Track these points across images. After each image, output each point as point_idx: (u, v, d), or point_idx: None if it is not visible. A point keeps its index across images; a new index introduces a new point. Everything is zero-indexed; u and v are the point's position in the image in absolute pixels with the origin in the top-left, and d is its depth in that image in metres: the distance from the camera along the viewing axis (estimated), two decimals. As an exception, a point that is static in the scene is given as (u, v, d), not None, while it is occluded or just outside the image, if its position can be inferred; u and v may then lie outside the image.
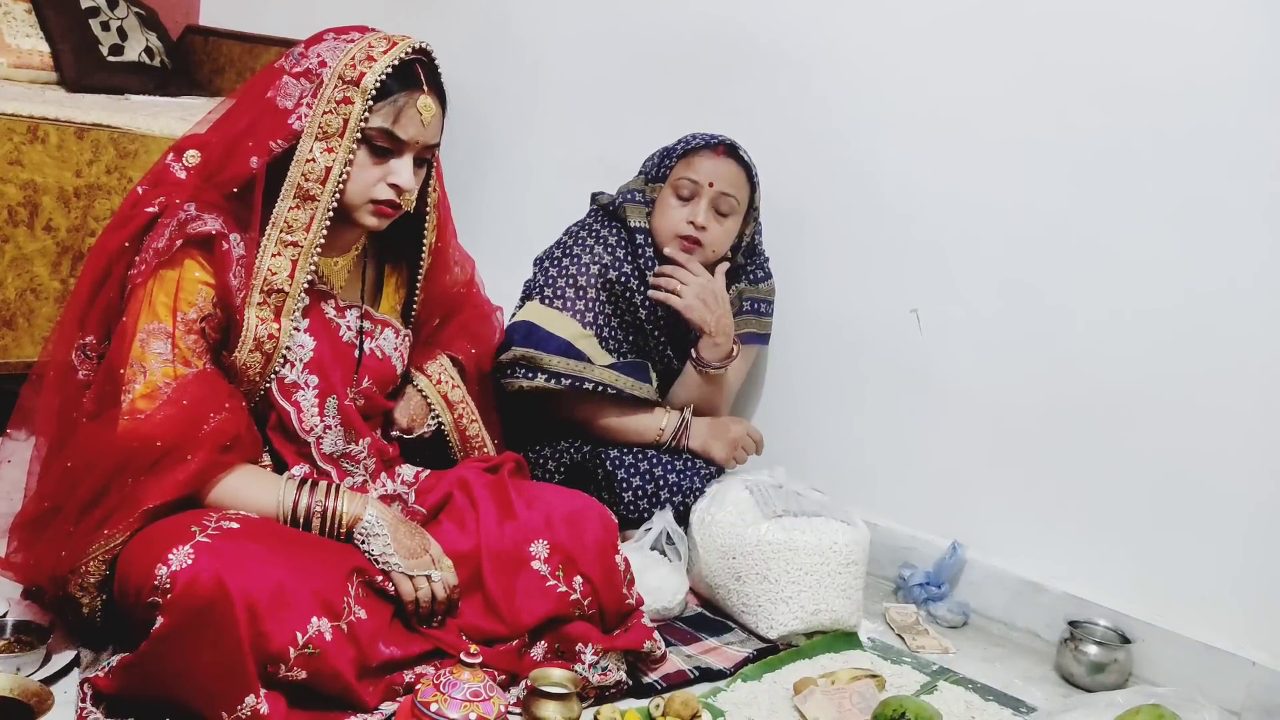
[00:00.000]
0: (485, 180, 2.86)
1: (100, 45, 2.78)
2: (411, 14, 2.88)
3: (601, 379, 2.02)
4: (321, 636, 1.37)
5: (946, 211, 2.19)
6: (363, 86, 1.45)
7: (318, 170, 1.46)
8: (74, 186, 2.21)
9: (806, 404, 2.37)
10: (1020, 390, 2.11)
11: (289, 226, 1.48)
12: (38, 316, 2.20)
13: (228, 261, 1.47)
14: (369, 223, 1.53)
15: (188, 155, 1.53)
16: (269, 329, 1.49)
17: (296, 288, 1.49)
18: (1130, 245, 1.99)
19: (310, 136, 1.46)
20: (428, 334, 1.81)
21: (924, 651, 1.95)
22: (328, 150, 1.46)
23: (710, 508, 1.97)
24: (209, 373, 1.47)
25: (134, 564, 1.35)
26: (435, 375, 1.78)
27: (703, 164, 2.10)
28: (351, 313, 1.61)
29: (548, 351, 2.00)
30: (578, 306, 2.10)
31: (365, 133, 1.47)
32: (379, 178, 1.50)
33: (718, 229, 2.12)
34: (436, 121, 1.53)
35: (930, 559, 2.17)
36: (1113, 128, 1.99)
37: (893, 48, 2.23)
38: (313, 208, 1.47)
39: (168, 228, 1.45)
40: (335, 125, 1.46)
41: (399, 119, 1.48)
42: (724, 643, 1.86)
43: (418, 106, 1.49)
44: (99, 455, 1.41)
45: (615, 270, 2.12)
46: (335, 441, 1.59)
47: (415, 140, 1.51)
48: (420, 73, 1.51)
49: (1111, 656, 1.92)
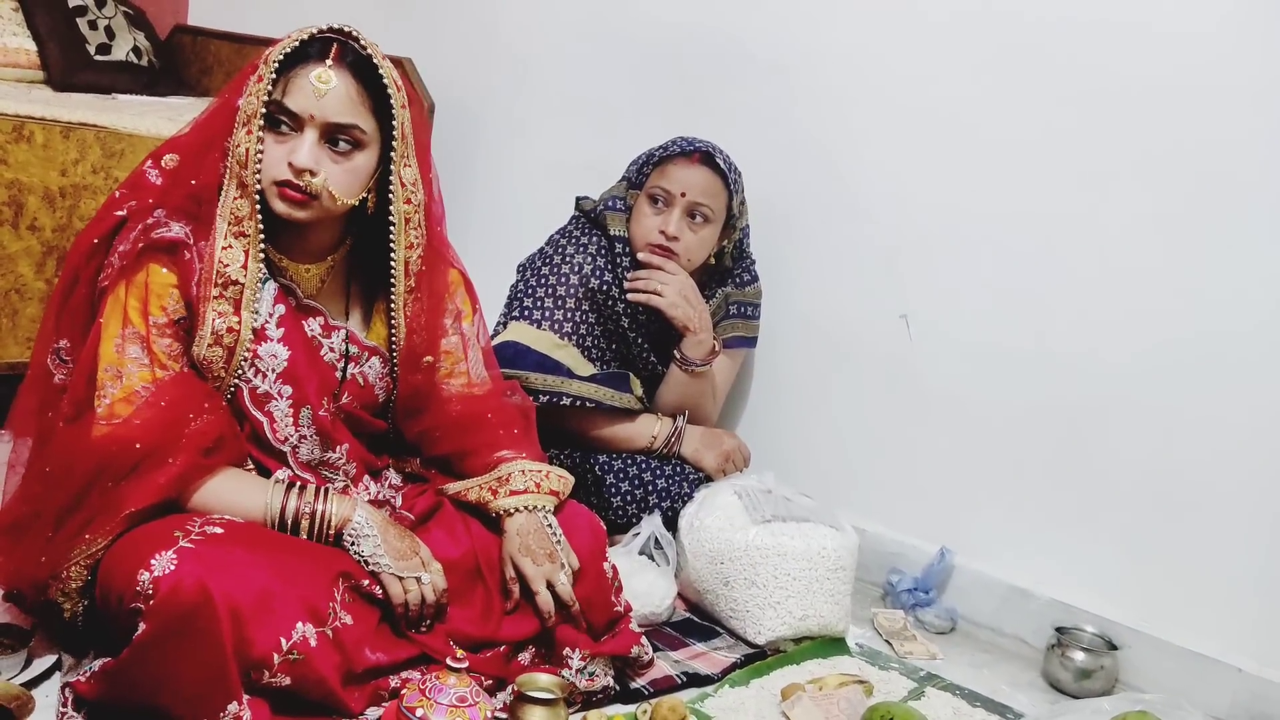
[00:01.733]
0: (474, 184, 2.85)
1: (88, 44, 2.77)
2: (400, 18, 2.88)
3: (580, 393, 2.01)
4: (306, 642, 1.36)
5: (936, 216, 2.19)
6: (268, 62, 1.42)
7: (241, 154, 1.43)
8: (59, 186, 2.19)
9: (795, 408, 2.36)
10: (1009, 395, 2.11)
11: (235, 217, 1.44)
12: (22, 317, 2.18)
13: (190, 270, 1.45)
14: (278, 208, 1.43)
15: (165, 159, 1.51)
16: (228, 322, 1.45)
17: (251, 278, 1.45)
18: (1119, 249, 1.99)
19: (239, 123, 1.43)
20: (422, 382, 1.64)
21: (911, 657, 1.95)
22: (248, 133, 1.42)
23: (699, 513, 1.97)
24: (186, 375, 1.45)
25: (116, 569, 1.34)
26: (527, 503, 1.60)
27: (676, 172, 2.09)
28: (338, 334, 1.57)
29: (524, 369, 1.99)
30: (556, 317, 2.09)
31: (267, 108, 1.41)
32: (280, 158, 1.42)
33: (692, 237, 2.10)
34: (338, 97, 1.41)
35: (918, 564, 2.17)
36: (1102, 131, 1.99)
37: (881, 52, 2.23)
38: (248, 195, 1.43)
39: (133, 232, 1.44)
40: (253, 106, 1.42)
41: (289, 89, 1.41)
42: (712, 648, 1.85)
43: (310, 77, 1.41)
44: (77, 459, 1.39)
45: (596, 279, 2.11)
46: (311, 450, 1.57)
47: (308, 113, 1.41)
48: (330, 49, 1.43)
49: (1098, 663, 1.92)
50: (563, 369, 2.03)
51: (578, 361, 2.08)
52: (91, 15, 2.81)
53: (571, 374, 2.04)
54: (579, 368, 2.06)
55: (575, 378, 2.03)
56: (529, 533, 1.56)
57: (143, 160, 1.54)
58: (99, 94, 2.69)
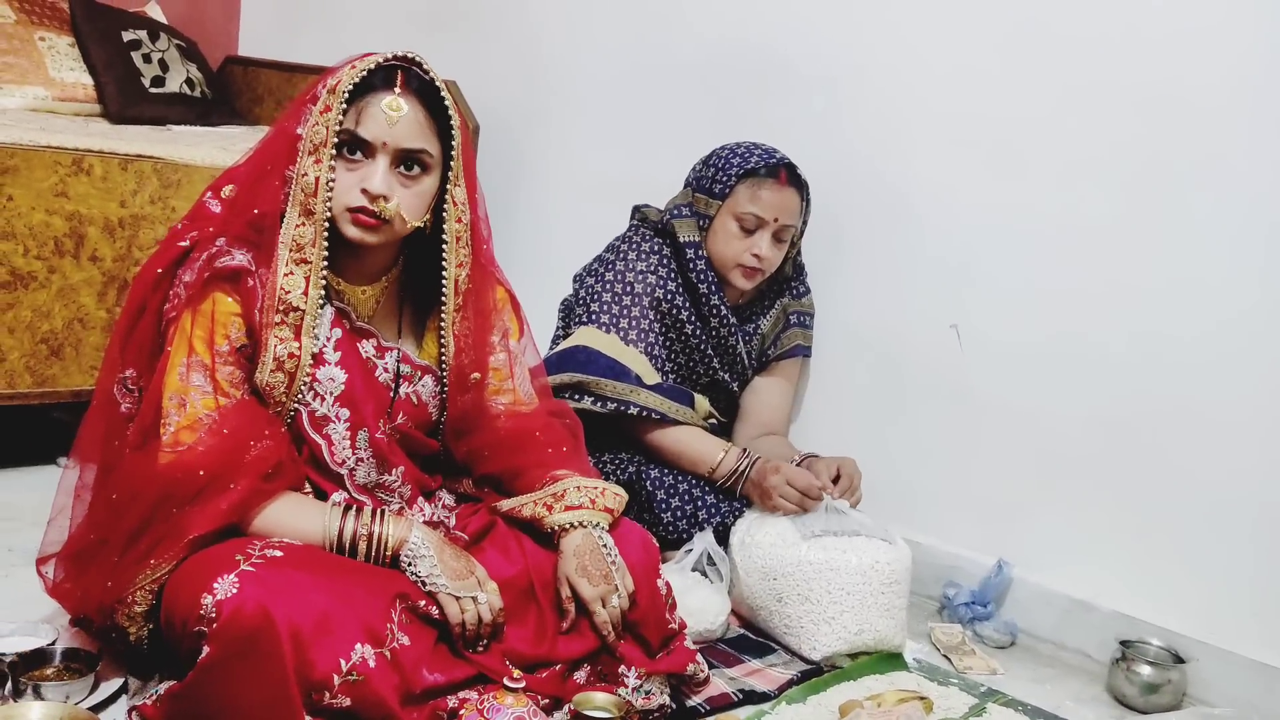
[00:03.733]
0: (518, 204, 2.87)
1: (142, 77, 2.83)
2: (444, 41, 2.91)
3: (648, 404, 2.02)
4: (365, 664, 1.37)
5: (984, 224, 2.17)
6: (337, 92, 1.45)
7: (309, 183, 1.46)
8: (119, 217, 2.25)
9: (845, 421, 2.35)
10: (1066, 405, 2.08)
11: (297, 245, 1.47)
12: (85, 346, 2.24)
13: (253, 297, 1.48)
14: (351, 233, 1.47)
15: (225, 189, 1.55)
16: (289, 348, 1.48)
17: (312, 304, 1.48)
18: (1180, 259, 1.95)
19: (304, 151, 1.47)
20: (474, 404, 1.65)
21: (971, 672, 1.92)
22: (316, 161, 1.45)
23: (750, 529, 1.96)
24: (248, 402, 1.48)
25: (180, 594, 1.36)
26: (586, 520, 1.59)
27: (769, 198, 2.11)
28: (391, 355, 1.59)
29: (596, 373, 2.00)
30: (622, 324, 2.10)
31: (339, 137, 1.45)
32: (353, 184, 1.46)
33: (776, 255, 2.16)
34: (409, 123, 1.46)
35: (975, 578, 2.14)
36: (1155, 141, 1.96)
37: (927, 65, 2.22)
38: (315, 222, 1.47)
39: (197, 262, 1.47)
40: (320, 135, 1.45)
41: (361, 118, 1.45)
42: (767, 664, 1.84)
43: (382, 105, 1.45)
44: (143, 486, 1.42)
45: (661, 287, 2.12)
46: (368, 473, 1.59)
47: (380, 140, 1.45)
48: (397, 76, 1.47)
49: (1165, 677, 1.88)
50: (631, 375, 2.03)
51: (645, 369, 2.07)
52: (146, 49, 2.88)
53: (640, 382, 2.04)
54: (647, 375, 2.06)
55: (644, 387, 2.03)
56: (585, 553, 1.56)
57: (203, 191, 1.57)
58: (154, 125, 2.75)
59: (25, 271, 2.15)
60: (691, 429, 2.07)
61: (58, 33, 2.79)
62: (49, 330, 2.19)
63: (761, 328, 2.27)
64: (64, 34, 2.80)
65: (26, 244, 2.14)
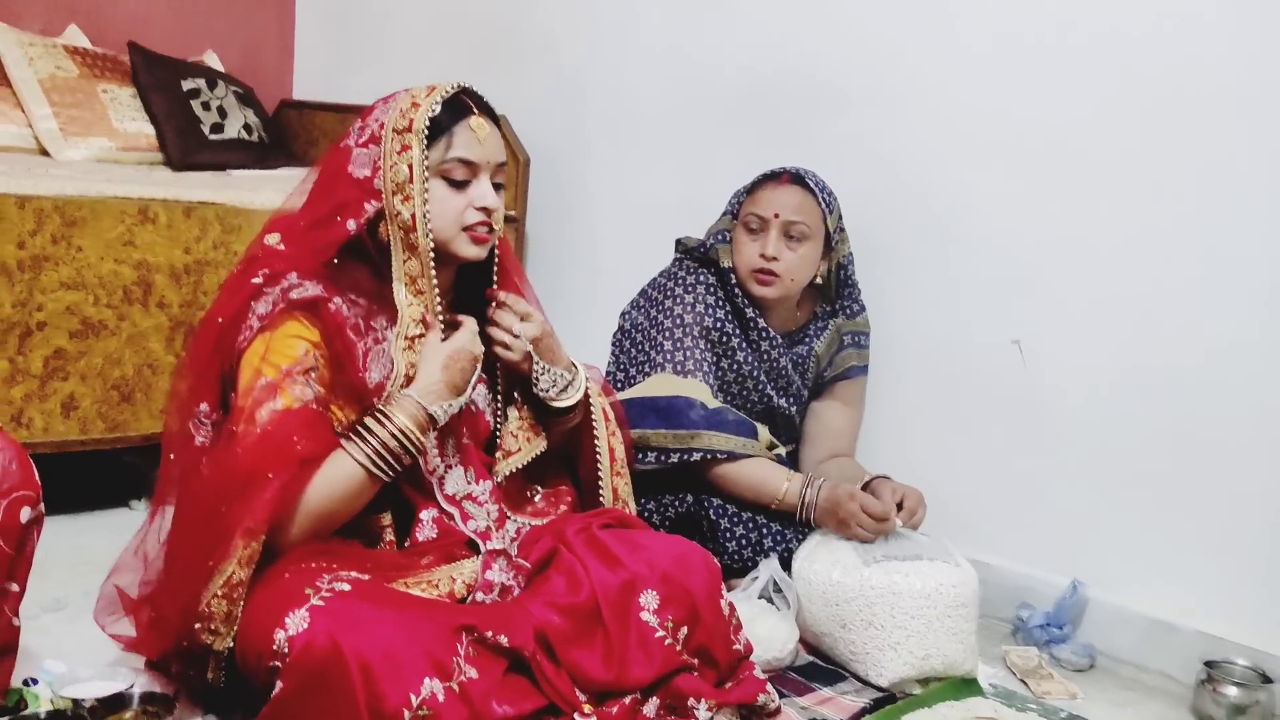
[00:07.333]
0: (568, 234, 2.88)
1: (202, 125, 2.91)
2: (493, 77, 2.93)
3: (710, 445, 1.99)
4: (435, 698, 1.37)
5: (1045, 238, 2.13)
6: (415, 130, 1.53)
7: (405, 220, 1.55)
8: (184, 263, 2.30)
9: (907, 441, 2.32)
10: (1139, 419, 2.03)
11: (409, 277, 1.58)
12: (155, 391, 2.28)
13: (339, 321, 1.54)
14: (468, 252, 1.59)
15: (286, 227, 1.60)
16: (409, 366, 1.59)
17: (434, 327, 1.60)
18: (1256, 264, 1.91)
19: (389, 193, 1.55)
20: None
21: (1050, 697, 1.87)
22: (405, 199, 1.54)
23: (810, 556, 1.94)
24: (303, 410, 1.51)
25: (253, 629, 1.39)
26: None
27: (766, 195, 2.12)
28: None
29: (649, 427, 1.98)
30: (677, 357, 2.09)
31: (440, 170, 1.55)
32: (464, 206, 1.57)
33: (792, 256, 2.10)
34: (494, 139, 1.60)
35: (1049, 599, 2.09)
36: (1213, 142, 1.92)
37: (976, 78, 2.20)
38: (419, 255, 1.56)
39: (271, 296, 1.52)
40: (403, 174, 1.54)
41: (453, 144, 1.56)
42: (839, 693, 1.81)
43: (471, 127, 1.57)
44: (198, 495, 1.47)
45: (710, 316, 2.12)
46: (457, 482, 1.63)
47: (483, 159, 1.58)
48: (465, 100, 1.58)
49: (1253, 698, 1.82)
50: (687, 415, 2.00)
51: (705, 394, 2.05)
52: (204, 97, 2.96)
53: (701, 412, 2.00)
54: (708, 400, 2.04)
55: (705, 425, 2.00)
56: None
57: (259, 234, 1.63)
58: (215, 171, 2.82)
59: (96, 320, 2.20)
60: (755, 461, 2.04)
61: (119, 84, 2.87)
62: (120, 376, 2.24)
63: (815, 349, 2.25)
64: (125, 85, 2.88)
65: (96, 293, 2.20)
